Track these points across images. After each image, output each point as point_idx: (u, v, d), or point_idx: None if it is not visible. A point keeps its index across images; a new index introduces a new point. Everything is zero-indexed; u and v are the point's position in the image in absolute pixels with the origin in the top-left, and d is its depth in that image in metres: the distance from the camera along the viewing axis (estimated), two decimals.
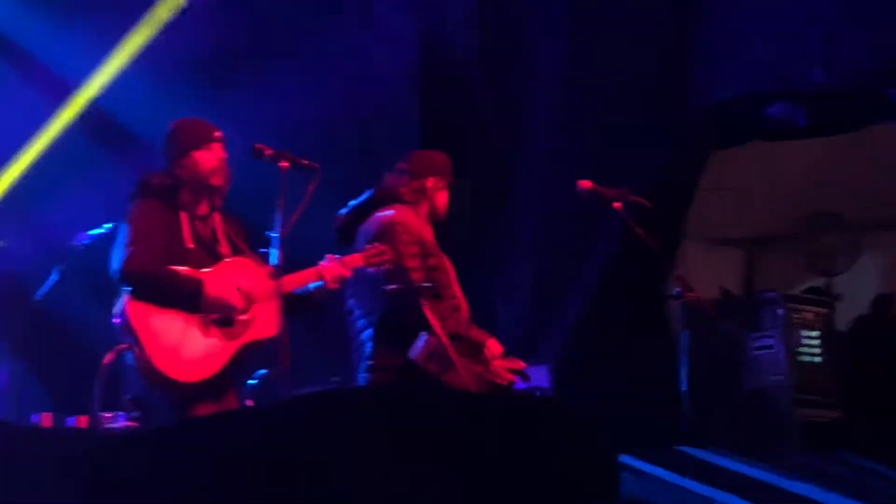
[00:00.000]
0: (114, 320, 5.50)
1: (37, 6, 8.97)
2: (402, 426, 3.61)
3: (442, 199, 6.15)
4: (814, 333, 7.84)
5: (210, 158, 5.71)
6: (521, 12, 8.87)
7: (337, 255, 5.60)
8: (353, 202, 6.07)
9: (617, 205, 6.32)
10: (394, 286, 5.64)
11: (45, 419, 5.99)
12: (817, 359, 7.79)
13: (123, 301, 5.44)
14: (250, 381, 6.11)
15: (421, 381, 5.53)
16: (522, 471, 3.66)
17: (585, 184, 6.31)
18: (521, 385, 5.93)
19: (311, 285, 5.58)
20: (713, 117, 8.14)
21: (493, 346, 5.92)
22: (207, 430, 4.34)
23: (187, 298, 5.43)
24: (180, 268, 5.45)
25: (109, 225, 6.06)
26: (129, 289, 5.43)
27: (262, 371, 6.12)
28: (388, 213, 5.94)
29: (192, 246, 5.62)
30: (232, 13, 8.76)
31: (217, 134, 5.82)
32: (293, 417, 3.80)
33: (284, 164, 5.46)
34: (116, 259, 5.48)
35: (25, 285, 7.21)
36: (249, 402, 5.97)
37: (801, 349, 7.75)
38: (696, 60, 8.18)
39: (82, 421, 5.77)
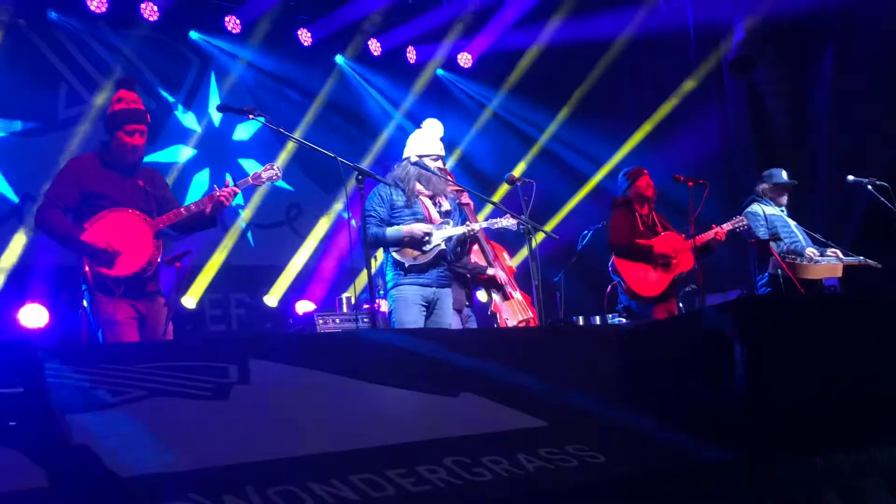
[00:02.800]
0: (609, 267, 7.35)
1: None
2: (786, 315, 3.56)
3: (779, 197, 7.65)
4: None
5: (643, 185, 7.37)
6: (804, 85, 9.83)
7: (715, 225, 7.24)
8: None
9: (869, 185, 7.50)
10: (753, 239, 7.45)
11: (579, 320, 8.02)
12: None
13: (613, 258, 7.32)
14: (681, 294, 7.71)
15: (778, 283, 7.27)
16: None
17: (850, 177, 7.61)
18: (830, 282, 7.33)
19: (710, 242, 7.18)
20: None
21: (809, 252, 7.28)
22: (669, 323, 5.33)
23: (645, 254, 7.19)
24: (639, 239, 7.21)
25: (602, 223, 7.85)
26: (615, 252, 7.30)
27: (688, 288, 7.85)
28: (749, 206, 7.60)
29: (642, 229, 7.29)
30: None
31: (645, 171, 7.48)
32: (710, 312, 3.89)
33: (690, 183, 7.02)
34: (609, 237, 7.36)
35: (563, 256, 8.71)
36: (680, 305, 7.57)
37: None
38: None
39: (596, 319, 7.88)
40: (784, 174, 7.75)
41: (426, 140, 5.96)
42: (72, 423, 2.64)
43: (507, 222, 5.96)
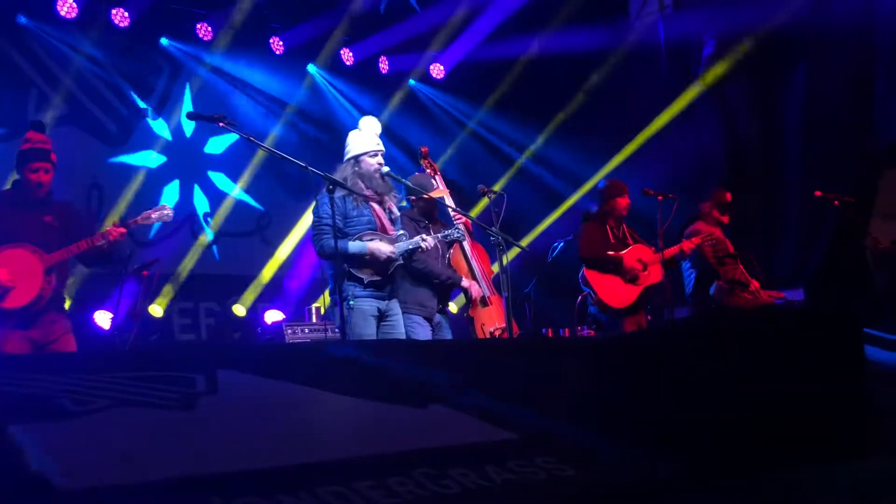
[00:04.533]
0: (580, 278, 7.39)
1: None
2: (724, 329, 3.72)
3: (720, 214, 7.82)
4: None
5: (623, 205, 7.38)
6: (775, 101, 9.88)
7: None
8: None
9: (836, 202, 7.63)
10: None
11: (549, 332, 8.01)
12: None
13: (583, 270, 7.36)
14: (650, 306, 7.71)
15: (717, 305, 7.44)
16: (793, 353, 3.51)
17: (818, 193, 7.68)
18: (779, 301, 7.50)
19: (677, 255, 7.36)
20: (887, 150, 8.81)
21: (755, 284, 7.52)
22: (639, 336, 5.42)
23: (615, 266, 7.26)
24: (609, 252, 7.28)
25: (571, 235, 7.96)
26: (585, 263, 7.36)
27: (656, 300, 7.76)
28: (697, 224, 7.73)
29: (613, 241, 7.36)
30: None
31: (626, 191, 7.45)
32: (679, 325, 4.42)
33: (659, 197, 7.21)
34: (580, 249, 7.42)
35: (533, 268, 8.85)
36: (649, 318, 7.61)
37: None
38: (874, 107, 9.01)
39: (566, 331, 7.77)
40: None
41: (363, 138, 5.87)
42: (32, 434, 2.60)
43: (457, 234, 5.96)
